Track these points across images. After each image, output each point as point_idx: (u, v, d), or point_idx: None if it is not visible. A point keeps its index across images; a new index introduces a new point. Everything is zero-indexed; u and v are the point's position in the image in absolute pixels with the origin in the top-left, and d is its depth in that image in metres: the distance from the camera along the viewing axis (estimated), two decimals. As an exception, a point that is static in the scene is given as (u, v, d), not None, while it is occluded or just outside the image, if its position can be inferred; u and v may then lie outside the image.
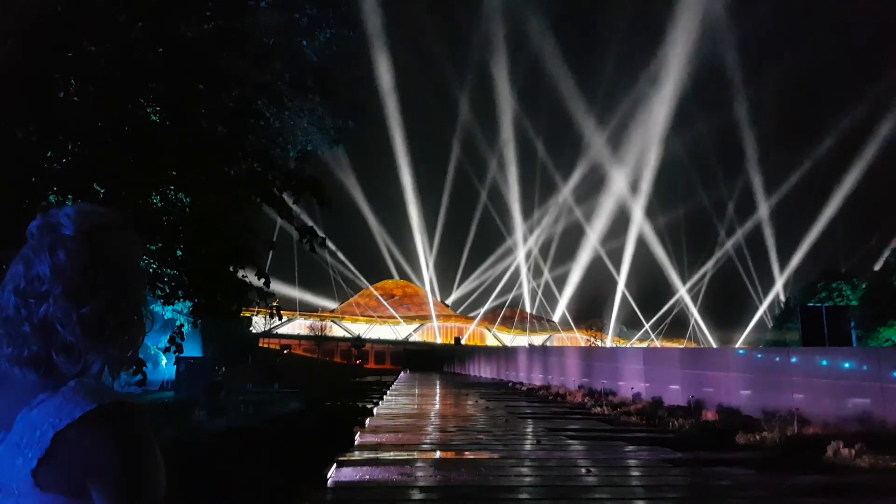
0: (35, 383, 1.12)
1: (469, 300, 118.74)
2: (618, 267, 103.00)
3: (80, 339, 1.13)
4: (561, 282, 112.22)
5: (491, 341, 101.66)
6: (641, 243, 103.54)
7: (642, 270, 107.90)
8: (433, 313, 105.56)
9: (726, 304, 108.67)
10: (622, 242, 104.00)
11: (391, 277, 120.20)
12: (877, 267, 49.03)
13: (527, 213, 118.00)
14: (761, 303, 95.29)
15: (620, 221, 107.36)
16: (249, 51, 12.05)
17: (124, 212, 1.26)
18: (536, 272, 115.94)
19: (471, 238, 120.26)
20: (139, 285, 1.25)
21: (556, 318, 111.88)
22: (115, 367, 1.20)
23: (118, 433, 1.09)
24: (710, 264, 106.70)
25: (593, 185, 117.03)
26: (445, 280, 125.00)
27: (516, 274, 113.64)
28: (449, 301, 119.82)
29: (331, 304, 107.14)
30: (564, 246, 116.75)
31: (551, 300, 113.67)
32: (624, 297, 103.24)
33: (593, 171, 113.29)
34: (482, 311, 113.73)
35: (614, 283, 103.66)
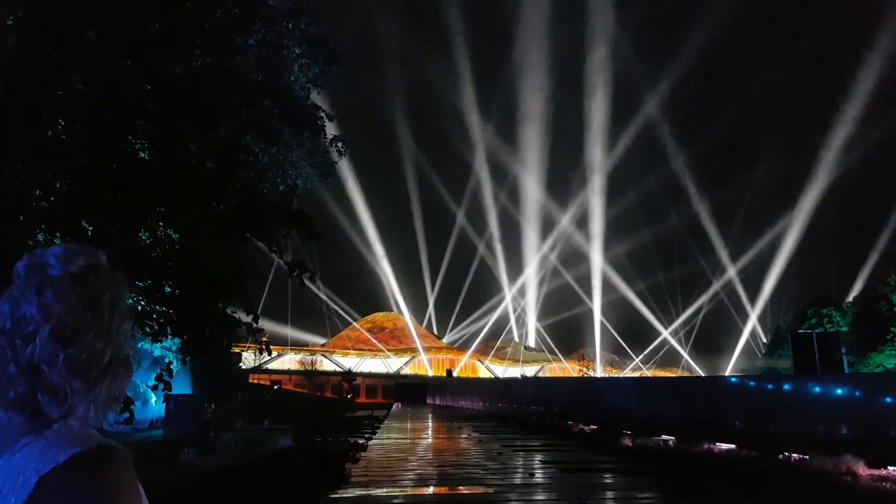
0: (19, 427, 1.10)
1: (465, 336, 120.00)
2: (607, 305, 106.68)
3: (67, 380, 1.12)
4: (549, 316, 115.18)
5: (483, 373, 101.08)
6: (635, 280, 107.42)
7: (634, 308, 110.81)
8: (419, 346, 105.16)
9: (714, 335, 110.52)
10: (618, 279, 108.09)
11: (382, 311, 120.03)
12: (853, 294, 49.54)
13: (526, 252, 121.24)
14: (749, 334, 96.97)
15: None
16: (238, 87, 12.13)
17: (111, 252, 1.27)
18: (526, 306, 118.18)
19: (470, 276, 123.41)
20: (126, 326, 1.25)
21: (531, 342, 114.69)
22: (101, 408, 1.18)
23: (101, 478, 1.07)
24: (704, 298, 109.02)
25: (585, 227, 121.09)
26: (442, 320, 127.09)
27: (510, 305, 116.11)
28: (445, 339, 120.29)
29: (321, 339, 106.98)
30: (556, 283, 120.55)
31: (540, 334, 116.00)
32: (617, 330, 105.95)
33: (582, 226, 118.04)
34: (475, 343, 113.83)
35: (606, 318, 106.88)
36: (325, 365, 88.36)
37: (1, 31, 9.63)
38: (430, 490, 11.60)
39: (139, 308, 10.96)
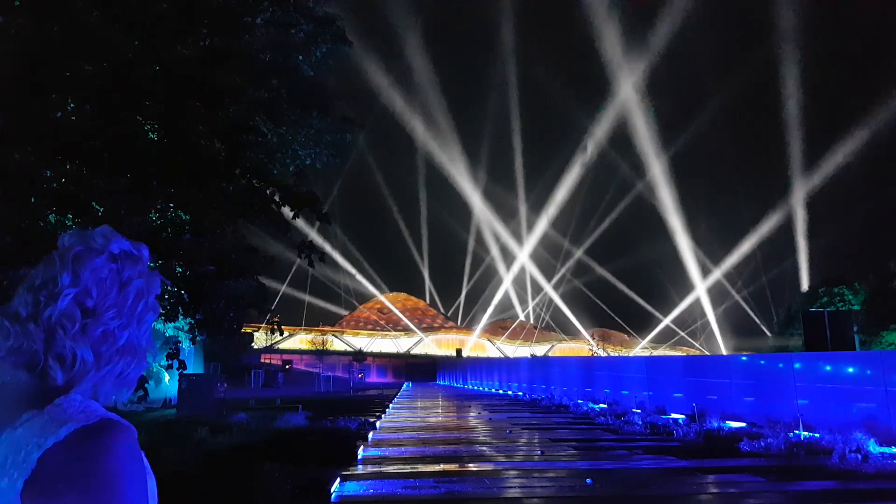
0: (20, 398, 1.10)
1: (482, 320, 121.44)
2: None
3: (78, 349, 1.13)
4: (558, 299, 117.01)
5: (493, 352, 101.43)
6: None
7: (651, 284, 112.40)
8: (414, 328, 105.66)
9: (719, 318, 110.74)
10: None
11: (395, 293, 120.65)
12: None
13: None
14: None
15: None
16: (245, 68, 12.08)
17: (120, 232, 1.27)
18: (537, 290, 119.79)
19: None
20: (149, 318, 1.28)
21: (522, 315, 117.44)
22: (107, 389, 1.19)
23: (104, 452, 1.06)
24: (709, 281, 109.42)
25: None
26: (467, 310, 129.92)
27: (521, 292, 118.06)
28: (463, 324, 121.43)
29: (343, 311, 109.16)
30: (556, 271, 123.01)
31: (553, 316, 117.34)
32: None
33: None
34: (484, 322, 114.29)
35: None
36: (336, 345, 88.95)
37: (9, 12, 9.62)
38: (440, 467, 11.69)
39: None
